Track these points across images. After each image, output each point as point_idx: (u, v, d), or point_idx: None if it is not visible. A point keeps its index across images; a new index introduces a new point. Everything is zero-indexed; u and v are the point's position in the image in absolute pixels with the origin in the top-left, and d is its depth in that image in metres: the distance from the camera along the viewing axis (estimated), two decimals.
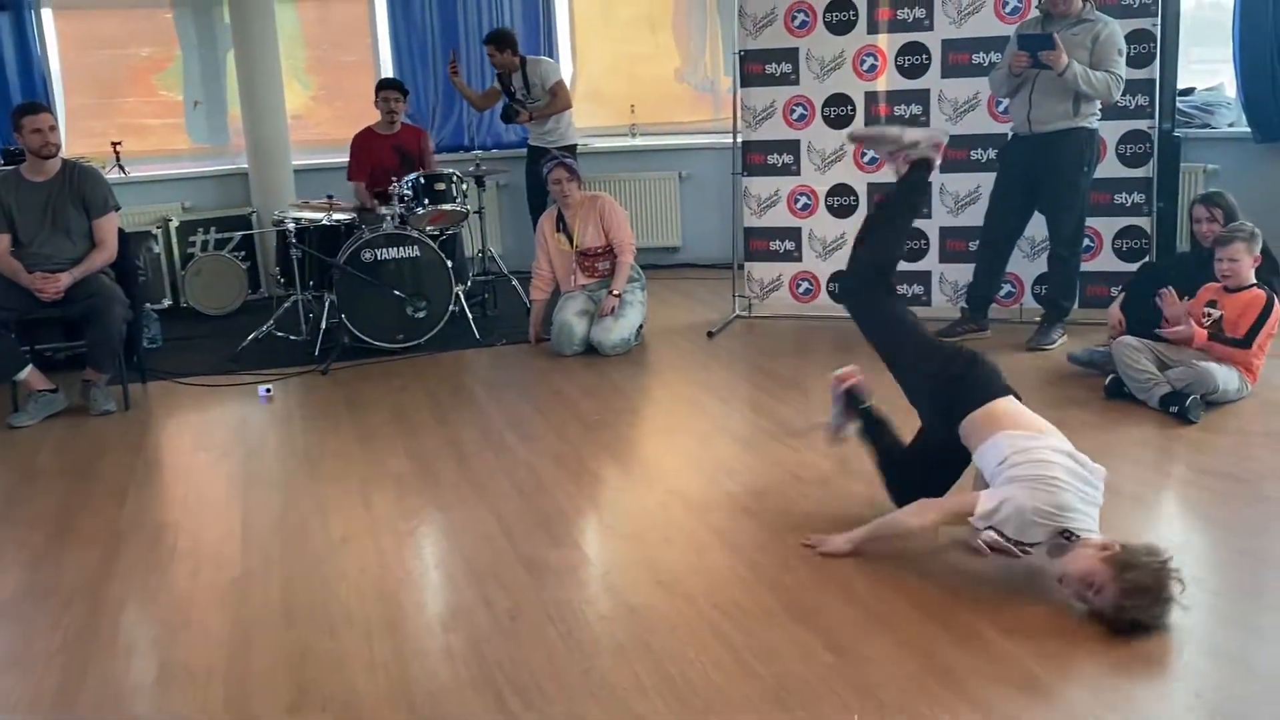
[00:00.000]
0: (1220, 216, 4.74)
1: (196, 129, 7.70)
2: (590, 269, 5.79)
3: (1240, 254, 4.41)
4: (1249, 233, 4.46)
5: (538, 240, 5.95)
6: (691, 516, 3.57)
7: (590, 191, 5.99)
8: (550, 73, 6.97)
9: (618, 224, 5.77)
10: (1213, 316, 4.49)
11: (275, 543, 3.52)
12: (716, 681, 2.57)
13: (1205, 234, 4.74)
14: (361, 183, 6.63)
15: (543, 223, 5.94)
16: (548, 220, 5.90)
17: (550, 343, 5.71)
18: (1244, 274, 4.44)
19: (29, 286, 4.88)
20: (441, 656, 2.76)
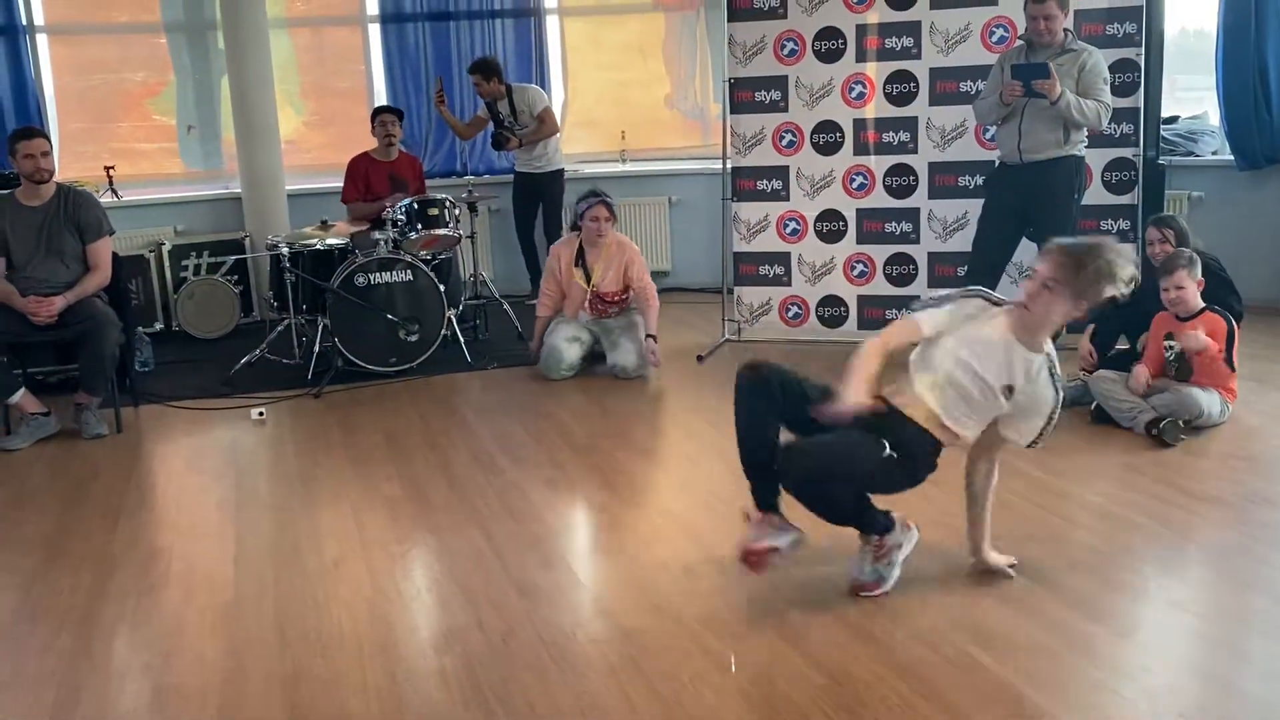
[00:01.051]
0: (1171, 238, 4.81)
1: (190, 154, 7.74)
2: (601, 310, 5.75)
3: (1184, 280, 4.46)
4: (1188, 258, 4.50)
5: (551, 265, 5.84)
6: (683, 539, 3.60)
7: (619, 235, 5.88)
8: (537, 99, 7.10)
9: (640, 271, 5.72)
10: (1174, 349, 4.53)
11: (268, 566, 3.53)
12: (709, 703, 2.59)
13: (1156, 255, 4.82)
14: (357, 203, 6.67)
15: (560, 250, 5.83)
16: (566, 250, 5.79)
17: (539, 365, 5.73)
18: (1191, 301, 4.48)
19: (23, 310, 4.90)
20: (434, 678, 2.78)
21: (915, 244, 6.07)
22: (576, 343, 5.71)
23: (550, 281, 5.84)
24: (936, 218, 6.01)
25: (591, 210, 5.60)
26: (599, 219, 5.60)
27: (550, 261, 5.87)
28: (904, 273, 6.11)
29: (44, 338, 5.06)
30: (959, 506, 3.30)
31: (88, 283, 5.05)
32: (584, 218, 5.62)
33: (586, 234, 5.66)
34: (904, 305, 6.06)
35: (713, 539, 3.58)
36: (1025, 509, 3.73)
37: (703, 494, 3.99)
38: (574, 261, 5.73)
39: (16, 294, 4.92)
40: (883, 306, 6.16)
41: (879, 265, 6.17)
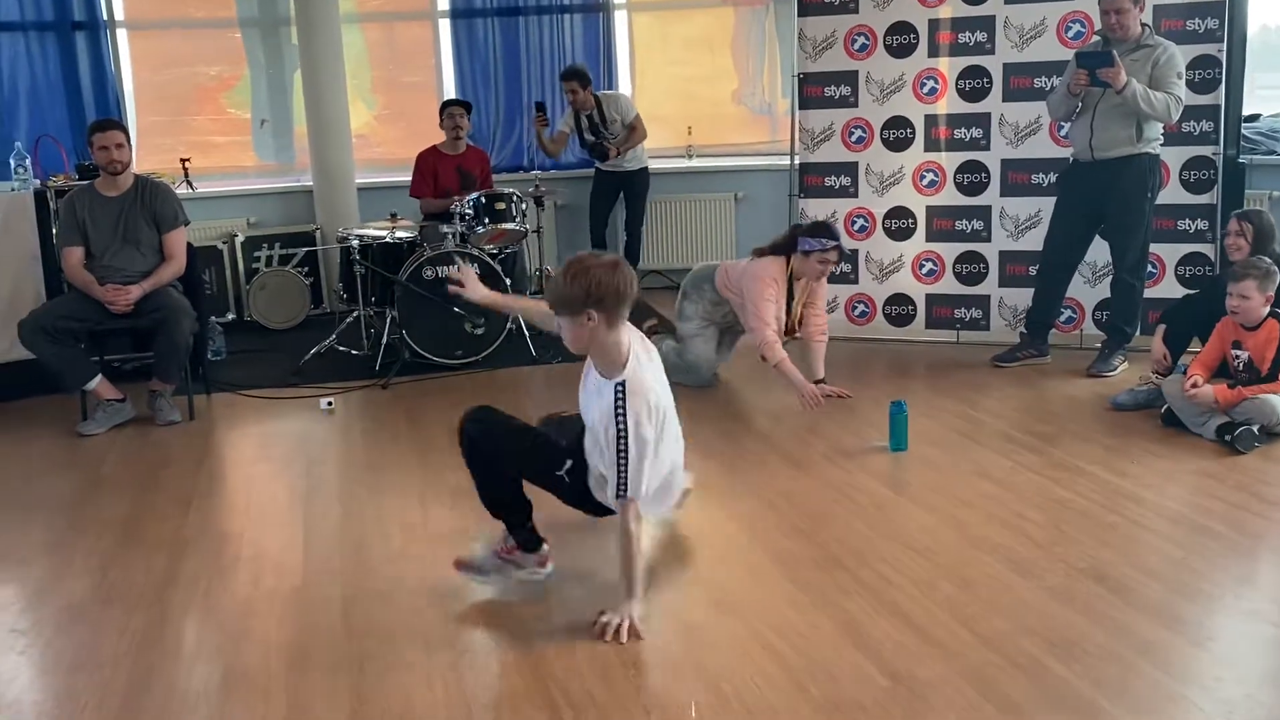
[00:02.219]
0: (1249, 234, 4.66)
1: (263, 147, 7.86)
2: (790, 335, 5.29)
3: (1251, 291, 4.30)
4: (1263, 270, 4.33)
5: (770, 293, 5.04)
6: (745, 537, 3.58)
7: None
8: (628, 107, 7.22)
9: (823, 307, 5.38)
10: (1241, 359, 4.41)
11: (335, 553, 3.58)
12: (770, 701, 2.57)
13: (1230, 247, 4.73)
14: (426, 198, 6.74)
15: (776, 276, 5.08)
16: (782, 277, 5.11)
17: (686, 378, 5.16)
18: (1254, 312, 4.32)
19: (100, 298, 5.01)
20: (498, 669, 2.79)
21: (986, 242, 5.98)
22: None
23: (774, 309, 5.07)
24: (1008, 216, 5.91)
25: (827, 254, 5.02)
26: (828, 263, 5.08)
27: (767, 289, 5.02)
28: (974, 271, 6.02)
29: (120, 326, 5.17)
30: (1035, 510, 3.25)
31: (163, 272, 5.15)
32: (813, 256, 5.01)
33: (809, 270, 5.07)
34: (974, 305, 6.03)
35: (774, 537, 3.55)
36: (1098, 514, 3.66)
37: (768, 493, 3.96)
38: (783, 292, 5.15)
39: (95, 283, 5.03)
40: (952, 305, 6.08)
41: (948, 264, 6.08)
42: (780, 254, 5.11)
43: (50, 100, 7.15)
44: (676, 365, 5.19)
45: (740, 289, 5.13)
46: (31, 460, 4.70)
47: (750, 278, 5.07)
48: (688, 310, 5.37)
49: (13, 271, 5.49)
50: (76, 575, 3.49)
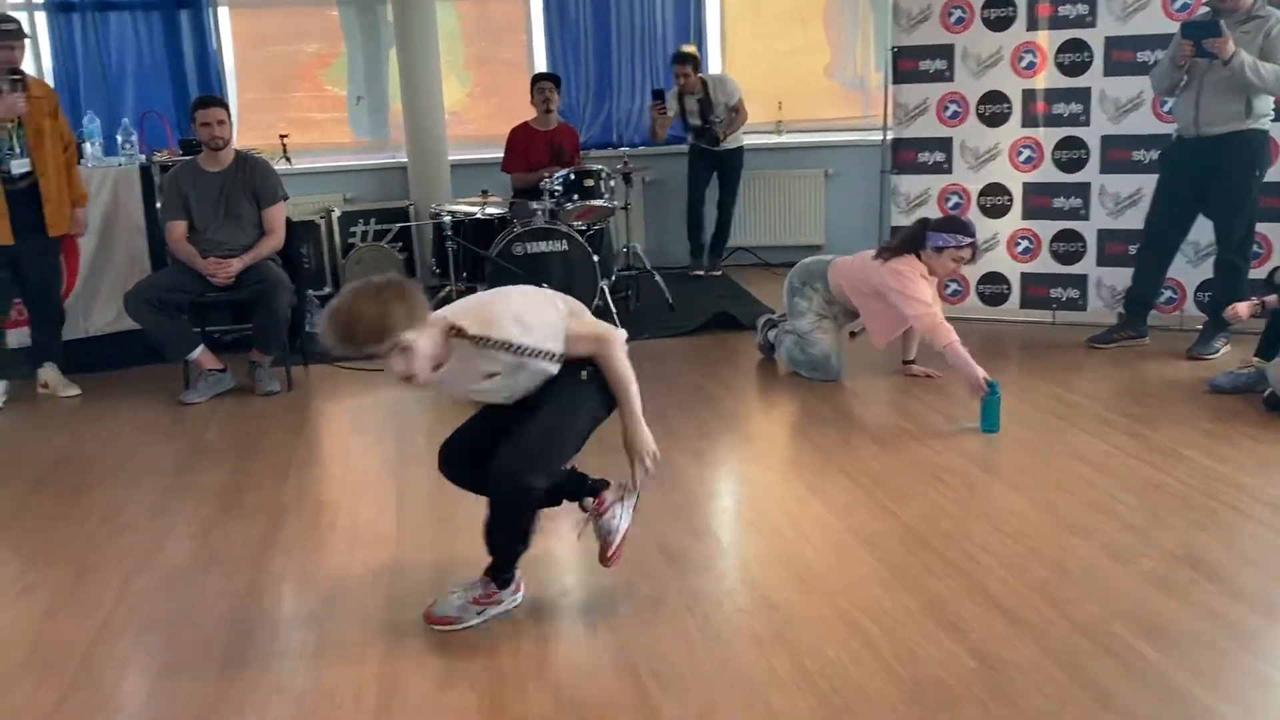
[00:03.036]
0: None
1: (359, 123, 8.00)
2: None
3: None
4: None
5: (922, 281, 4.89)
6: (831, 515, 3.57)
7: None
8: (734, 90, 7.23)
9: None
10: None
11: (427, 523, 3.65)
12: (855, 679, 2.57)
13: None
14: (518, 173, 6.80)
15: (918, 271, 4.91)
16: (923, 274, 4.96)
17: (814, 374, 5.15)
18: None
19: (202, 271, 5.16)
20: (582, 641, 2.83)
21: (1084, 220, 5.83)
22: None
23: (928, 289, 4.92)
24: (1108, 193, 5.76)
25: (962, 250, 4.88)
26: (963, 260, 4.95)
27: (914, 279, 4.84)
28: (1071, 250, 5.89)
29: (222, 298, 5.32)
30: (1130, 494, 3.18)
31: (263, 246, 5.28)
32: (946, 253, 4.86)
33: (942, 267, 4.93)
34: (1071, 285, 5.90)
35: (861, 517, 3.53)
36: (1195, 499, 3.57)
37: (853, 472, 3.94)
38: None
39: (197, 256, 5.18)
40: (1047, 285, 5.95)
41: (1044, 242, 5.96)
42: (908, 252, 4.92)
43: (155, 77, 7.36)
44: (802, 362, 5.16)
45: (878, 287, 4.92)
46: (137, 427, 4.87)
47: (892, 274, 4.86)
48: (800, 306, 5.23)
49: (120, 244, 5.70)
50: (179, 539, 3.61)
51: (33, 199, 5.02)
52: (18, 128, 4.97)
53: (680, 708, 2.48)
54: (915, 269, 4.88)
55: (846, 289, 5.10)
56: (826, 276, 5.16)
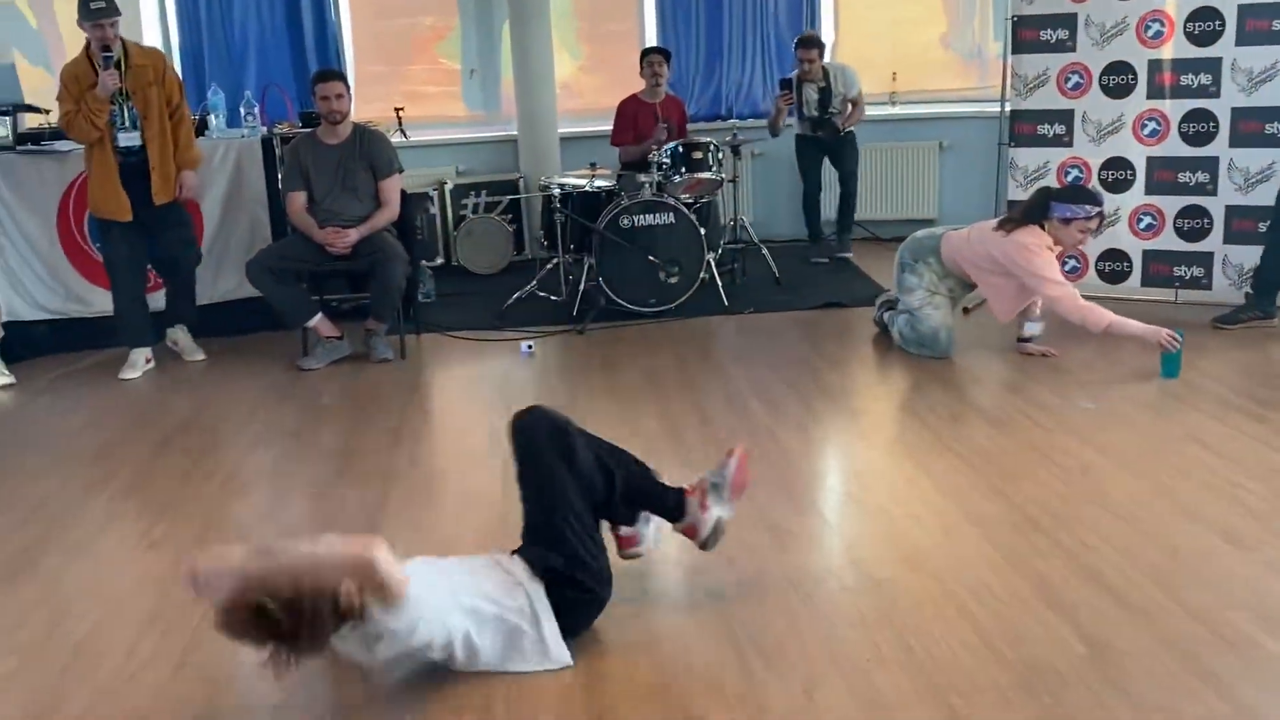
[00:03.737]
0: None
1: (471, 97, 8.09)
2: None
3: None
4: None
5: (1050, 256, 4.82)
6: (940, 495, 3.52)
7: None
8: (855, 82, 7.02)
9: None
10: None
11: None
12: (961, 661, 2.54)
13: None
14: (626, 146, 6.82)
15: (1044, 243, 4.82)
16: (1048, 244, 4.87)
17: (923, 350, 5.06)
18: None
19: (321, 241, 5.30)
20: (685, 612, 2.85)
21: (1212, 196, 5.61)
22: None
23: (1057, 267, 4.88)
24: (1238, 168, 5.53)
25: (1090, 221, 4.82)
26: (1089, 231, 4.88)
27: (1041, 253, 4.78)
28: (1197, 227, 5.67)
29: (339, 268, 5.46)
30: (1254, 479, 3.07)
31: (378, 218, 5.40)
32: (1073, 224, 4.78)
33: (1068, 238, 4.84)
34: (1195, 263, 5.69)
35: (972, 498, 3.48)
36: None
37: (963, 451, 3.88)
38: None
39: (316, 226, 5.32)
40: (1171, 263, 5.75)
41: (1169, 218, 5.75)
42: (1031, 222, 4.83)
43: (276, 51, 7.54)
44: (911, 339, 5.09)
45: (1003, 261, 4.83)
46: (257, 392, 5.04)
47: (1018, 248, 4.78)
48: (910, 282, 5.13)
49: (243, 214, 5.88)
50: (296, 501, 3.74)
51: (146, 170, 5.19)
52: (126, 99, 5.13)
53: (784, 683, 2.49)
54: (1041, 241, 4.78)
55: (962, 263, 5.00)
56: (939, 251, 5.07)
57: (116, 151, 5.11)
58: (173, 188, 5.24)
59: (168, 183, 5.22)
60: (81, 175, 5.52)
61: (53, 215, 5.65)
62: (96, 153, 5.13)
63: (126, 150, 5.12)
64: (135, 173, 5.15)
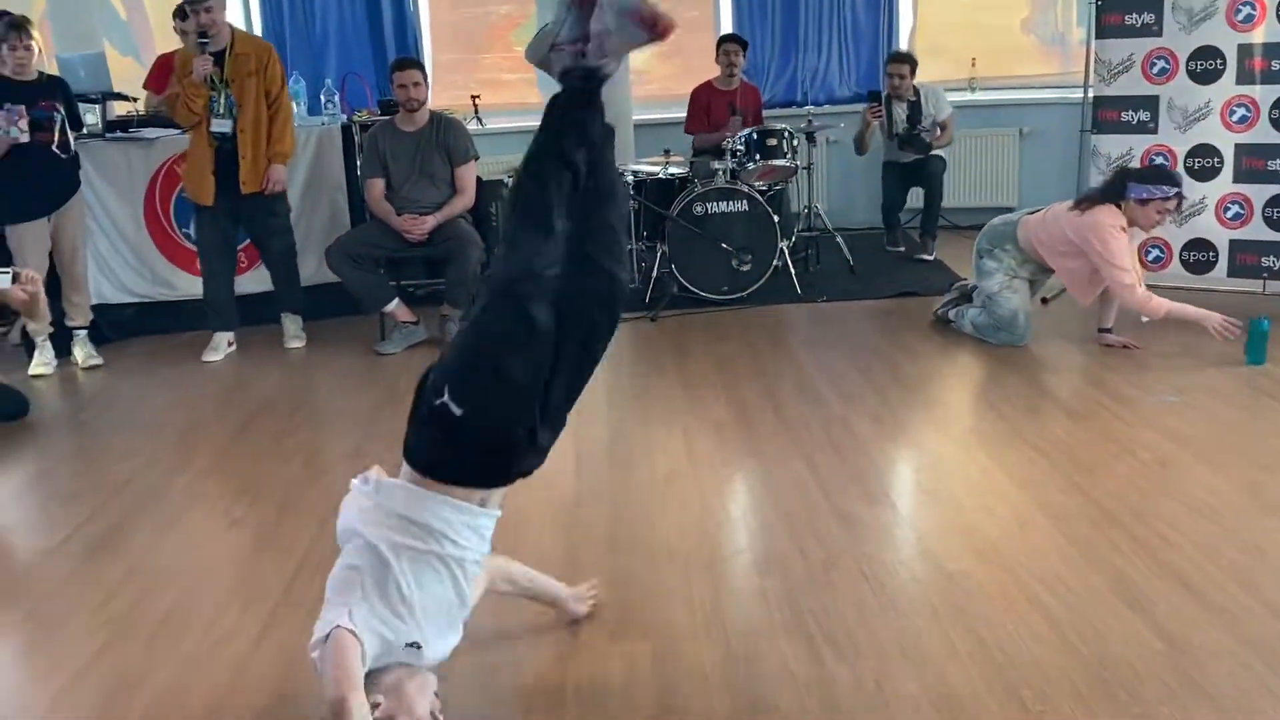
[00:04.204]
0: None
1: (547, 85, 8.08)
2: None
3: None
4: None
5: (1124, 242, 4.74)
6: (1014, 487, 3.47)
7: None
8: (945, 105, 6.89)
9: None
10: None
11: (604, 475, 3.74)
12: (1034, 655, 2.51)
13: None
14: (700, 133, 6.80)
15: (1120, 224, 4.73)
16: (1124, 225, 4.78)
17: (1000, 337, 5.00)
18: None
19: (398, 228, 5.38)
20: (755, 599, 2.85)
21: None
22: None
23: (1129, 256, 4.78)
24: None
25: (1168, 202, 4.73)
26: (1167, 212, 4.80)
27: (1116, 236, 4.70)
28: None
29: (415, 254, 5.53)
30: None
31: (454, 204, 5.46)
32: (1151, 204, 4.71)
33: (1145, 219, 4.77)
34: None
35: (1045, 488, 3.43)
36: None
37: (1040, 443, 3.82)
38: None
39: (393, 213, 5.40)
40: (1259, 253, 5.58)
41: (1257, 207, 5.58)
42: (1109, 201, 4.76)
43: (356, 39, 7.65)
44: (986, 325, 5.03)
45: (1077, 240, 4.76)
46: (336, 375, 5.13)
47: (1093, 228, 4.71)
48: (988, 266, 5.08)
49: (323, 200, 5.99)
50: None
51: (237, 157, 5.31)
52: (225, 87, 5.25)
53: (853, 672, 2.48)
54: (1115, 221, 4.70)
55: (1038, 245, 4.93)
56: (1016, 235, 4.99)
57: (210, 136, 5.25)
58: (261, 178, 5.35)
59: (256, 172, 5.34)
60: (168, 161, 5.67)
61: (140, 201, 5.81)
62: (193, 136, 5.31)
63: (219, 136, 5.25)
64: (226, 159, 5.28)
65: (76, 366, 5.41)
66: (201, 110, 5.22)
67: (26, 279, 4.20)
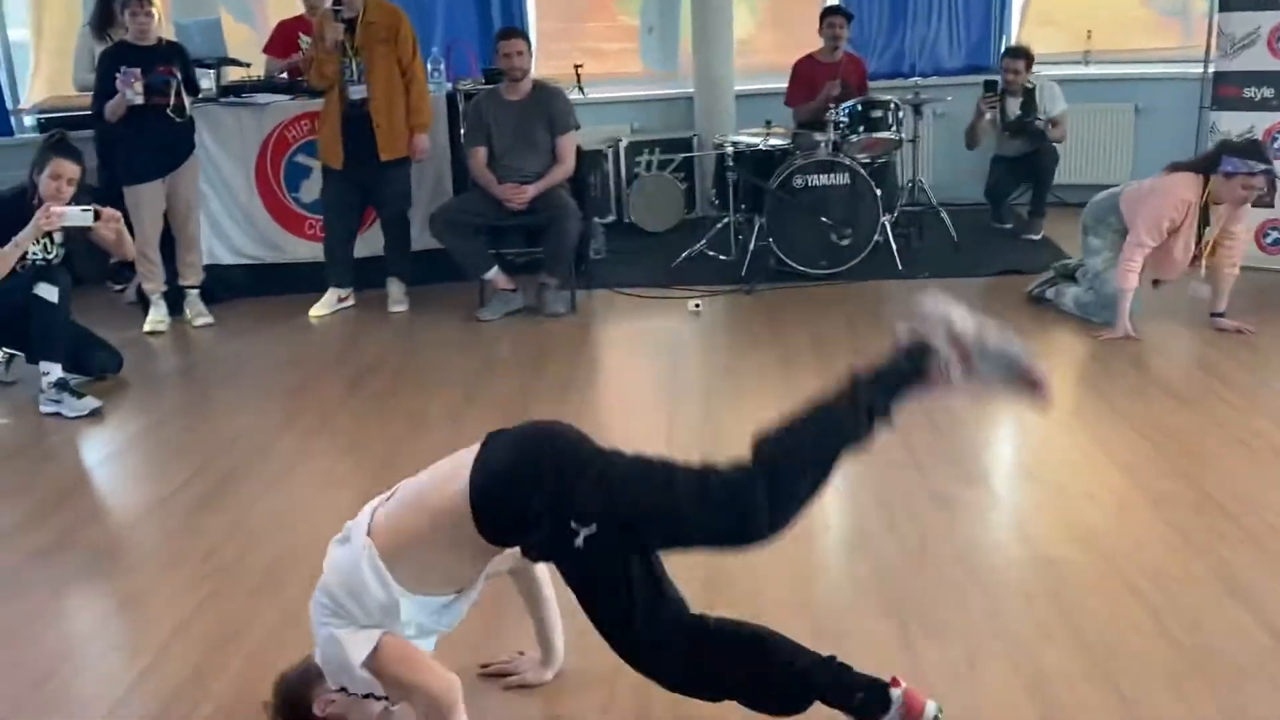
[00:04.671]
0: None
1: (649, 54, 8.11)
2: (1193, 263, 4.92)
3: None
4: None
5: (1169, 212, 4.63)
6: (1117, 472, 3.39)
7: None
8: (1060, 100, 6.67)
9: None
10: None
11: (696, 446, 3.74)
12: (1132, 644, 2.46)
13: None
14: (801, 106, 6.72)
15: (1188, 196, 4.62)
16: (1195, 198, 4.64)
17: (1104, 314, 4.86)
18: None
19: (499, 196, 5.43)
20: (845, 576, 2.84)
21: None
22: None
23: (1160, 228, 4.65)
24: None
25: (1253, 179, 4.54)
26: (1252, 190, 4.58)
27: (1167, 206, 4.62)
28: None
29: (515, 222, 5.58)
30: None
31: (555, 174, 5.50)
32: (1235, 179, 4.54)
33: (1228, 194, 4.59)
34: None
35: (1152, 478, 3.34)
36: None
37: (1145, 428, 3.72)
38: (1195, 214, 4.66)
39: (495, 182, 5.45)
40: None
41: None
42: (1199, 171, 4.65)
43: (461, 8, 7.71)
44: (1090, 303, 4.93)
45: (1139, 205, 4.73)
46: (437, 339, 5.23)
47: (1157, 192, 4.65)
48: (1094, 244, 4.98)
49: (428, 168, 6.06)
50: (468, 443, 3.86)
51: (368, 124, 5.43)
52: (356, 54, 5.36)
53: (943, 653, 2.46)
54: (1183, 193, 4.60)
55: (1130, 216, 4.79)
56: (1118, 209, 4.86)
57: (345, 103, 5.37)
58: (400, 146, 5.49)
59: (393, 140, 5.46)
60: (279, 126, 5.82)
61: (252, 165, 5.97)
62: (327, 101, 5.48)
63: (354, 103, 5.38)
64: (357, 125, 5.41)
65: (188, 324, 5.60)
66: (332, 76, 5.36)
67: (109, 216, 4.37)
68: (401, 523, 2.11)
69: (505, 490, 2.06)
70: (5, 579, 3.05)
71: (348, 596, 2.08)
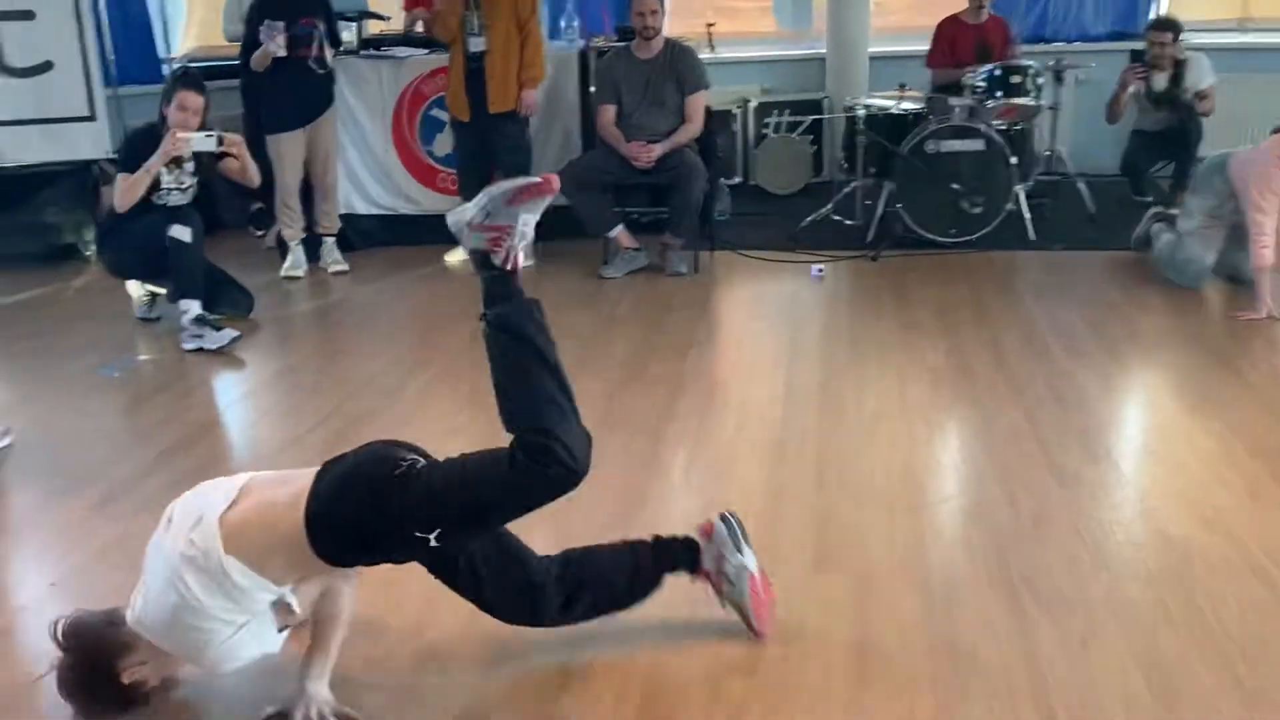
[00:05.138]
0: None
1: (783, 13, 8.01)
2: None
3: None
4: None
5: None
6: (1249, 457, 3.27)
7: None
8: (1207, 75, 6.37)
9: None
10: None
11: (812, 412, 3.74)
12: (1255, 629, 2.39)
13: None
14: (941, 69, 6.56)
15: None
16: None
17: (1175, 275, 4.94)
18: None
19: (626, 155, 5.47)
20: (960, 545, 2.82)
21: None
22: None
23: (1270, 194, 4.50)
24: None
25: None
26: None
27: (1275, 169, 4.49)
28: None
29: (641, 181, 5.62)
30: None
31: (682, 134, 5.50)
32: None
33: None
34: None
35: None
36: None
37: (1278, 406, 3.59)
38: None
39: (622, 140, 5.49)
40: None
41: None
42: None
43: None
44: (1168, 259, 4.89)
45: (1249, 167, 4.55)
46: (560, 295, 5.29)
47: (1263, 151, 4.50)
48: (1191, 205, 4.86)
49: (558, 124, 6.14)
50: (589, 399, 3.86)
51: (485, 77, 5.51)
52: (477, 7, 5.45)
53: (1058, 629, 2.43)
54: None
55: (1244, 179, 4.60)
56: (1226, 167, 4.67)
57: (466, 55, 5.47)
58: (511, 99, 5.56)
59: (504, 93, 5.54)
60: (415, 80, 5.96)
61: (389, 117, 6.13)
62: (452, 54, 5.60)
63: (473, 55, 5.47)
64: (477, 78, 5.50)
65: (325, 271, 5.80)
66: (455, 29, 5.46)
67: (231, 141, 4.59)
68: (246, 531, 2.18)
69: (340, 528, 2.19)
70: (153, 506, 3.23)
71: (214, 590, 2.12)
